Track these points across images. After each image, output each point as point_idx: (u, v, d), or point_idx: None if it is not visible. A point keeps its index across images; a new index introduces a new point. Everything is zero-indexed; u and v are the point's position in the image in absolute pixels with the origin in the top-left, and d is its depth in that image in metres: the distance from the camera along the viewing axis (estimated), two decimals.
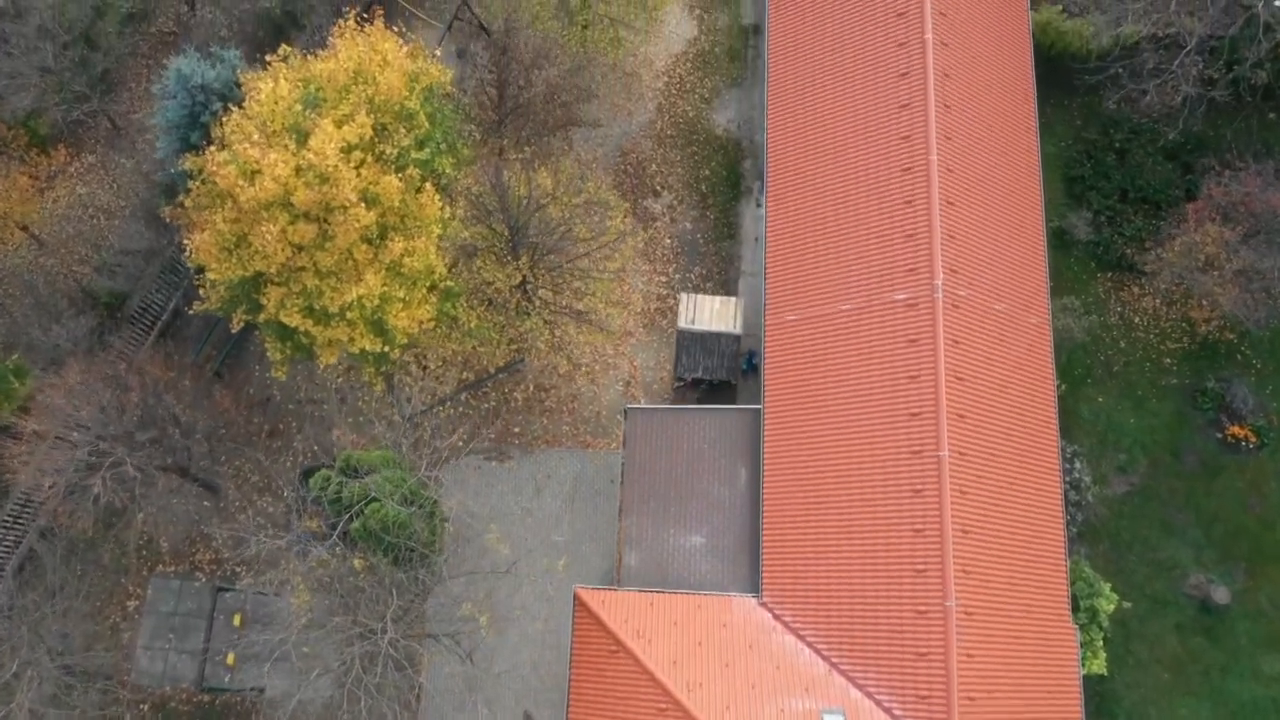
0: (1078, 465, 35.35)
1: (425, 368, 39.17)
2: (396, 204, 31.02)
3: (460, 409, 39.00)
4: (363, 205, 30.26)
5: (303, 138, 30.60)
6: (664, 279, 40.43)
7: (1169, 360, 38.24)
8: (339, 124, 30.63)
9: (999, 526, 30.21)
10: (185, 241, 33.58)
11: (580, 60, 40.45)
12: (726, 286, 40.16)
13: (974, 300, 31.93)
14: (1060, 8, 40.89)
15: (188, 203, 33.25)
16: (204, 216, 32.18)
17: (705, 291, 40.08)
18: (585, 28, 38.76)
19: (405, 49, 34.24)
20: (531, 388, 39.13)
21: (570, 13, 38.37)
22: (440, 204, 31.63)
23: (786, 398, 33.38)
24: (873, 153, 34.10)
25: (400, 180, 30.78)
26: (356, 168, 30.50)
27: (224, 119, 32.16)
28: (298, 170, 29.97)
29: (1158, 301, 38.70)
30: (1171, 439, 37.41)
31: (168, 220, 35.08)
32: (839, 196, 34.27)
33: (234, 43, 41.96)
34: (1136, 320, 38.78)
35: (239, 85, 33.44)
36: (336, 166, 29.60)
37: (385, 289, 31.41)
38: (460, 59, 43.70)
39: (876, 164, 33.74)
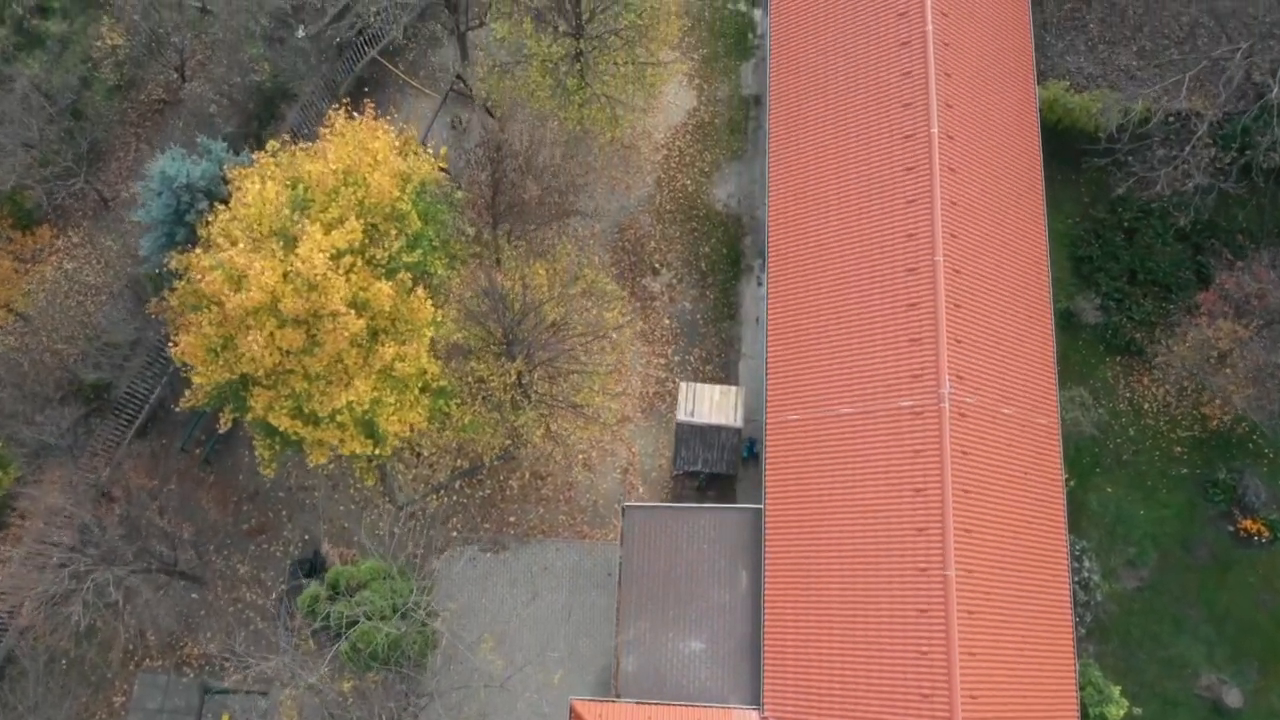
0: (1086, 564, 34.46)
1: (419, 455, 38.30)
2: (387, 309, 30.18)
3: (455, 497, 38.13)
4: (352, 312, 29.44)
5: (290, 242, 29.76)
6: (663, 361, 39.54)
7: (1179, 449, 37.36)
8: (328, 229, 29.79)
9: (1007, 646, 29.34)
10: (170, 339, 32.78)
11: (576, 138, 39.63)
12: (727, 370, 39.28)
13: (981, 407, 31.05)
14: (1067, 83, 40.08)
15: (173, 301, 32.43)
16: (188, 319, 31.35)
17: (705, 375, 39.20)
18: (582, 106, 37.85)
19: (397, 140, 33.46)
20: (527, 475, 38.25)
21: (566, 91, 37.47)
22: (432, 308, 30.77)
23: (788, 500, 32.50)
24: (876, 251, 33.19)
25: (391, 286, 29.94)
26: (346, 273, 29.67)
27: (210, 219, 31.34)
28: (285, 275, 29.15)
29: (1167, 388, 37.82)
30: (1182, 531, 36.54)
31: (153, 315, 34.22)
32: (842, 295, 33.36)
33: (224, 115, 41.21)
34: (1146, 407, 37.90)
35: (226, 181, 32.57)
36: (325, 274, 28.78)
37: (376, 394, 30.60)
38: (455, 129, 42.85)
39: (880, 263, 32.85)
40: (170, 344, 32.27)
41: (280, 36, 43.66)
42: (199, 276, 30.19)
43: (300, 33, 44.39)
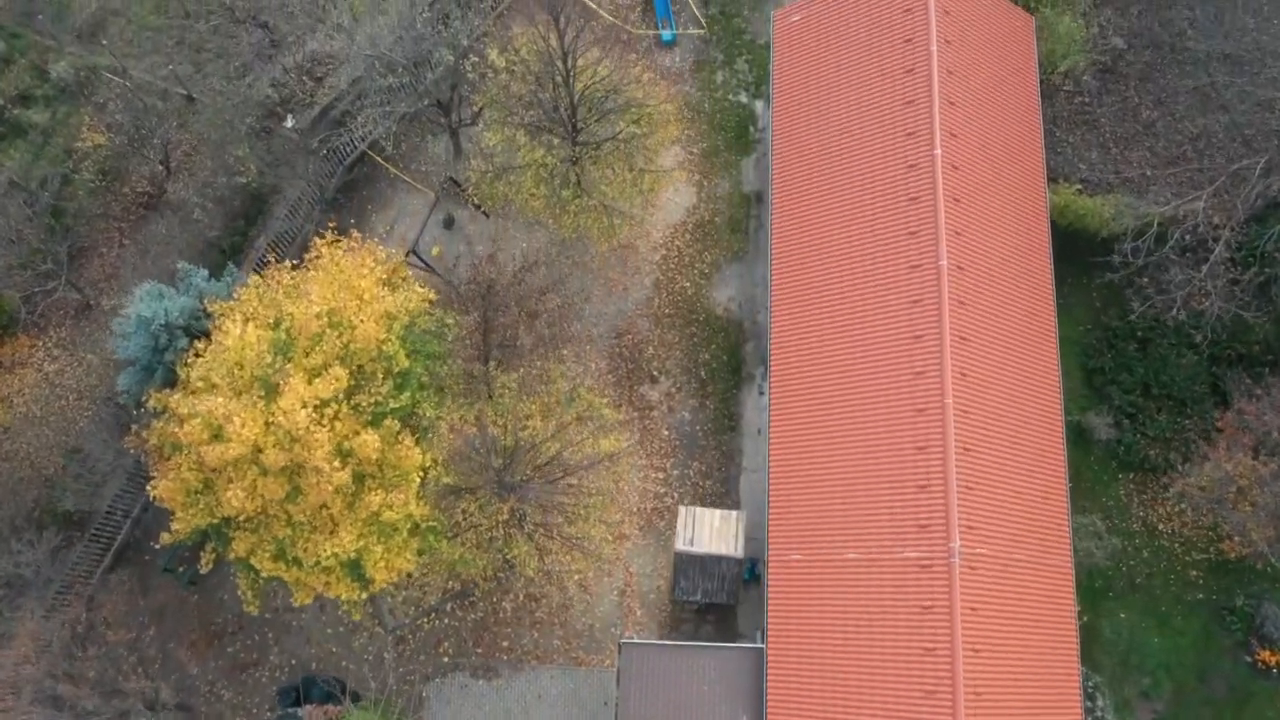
0: (1100, 701, 33.31)
1: (409, 576, 37.02)
2: (374, 458, 28.98)
3: (446, 620, 36.93)
4: (337, 463, 28.28)
5: (272, 390, 28.57)
6: (661, 475, 38.31)
7: (1195, 572, 36.14)
8: (311, 377, 28.60)
9: None
10: (149, 472, 31.67)
11: (571, 243, 38.48)
12: (727, 485, 38.04)
13: (992, 557, 29.83)
14: (1079, 186, 38.91)
15: (151, 439, 31.25)
16: (166, 462, 30.20)
17: (705, 491, 37.98)
18: (578, 214, 36.65)
19: (384, 270, 32.28)
20: (521, 597, 37.05)
21: (562, 200, 36.25)
22: (420, 453, 29.58)
23: (790, 642, 31.30)
24: (883, 384, 31.96)
25: (378, 435, 28.74)
26: (331, 422, 28.48)
27: (189, 360, 30.15)
28: (267, 425, 27.99)
29: (1183, 507, 36.57)
30: (1198, 661, 35.32)
31: (130, 449, 33.05)
32: (849, 432, 32.12)
33: (208, 219, 40.05)
34: (1160, 527, 36.68)
35: (207, 314, 31.35)
36: (308, 428, 27.60)
37: (362, 542, 29.43)
38: (448, 229, 41.64)
39: (888, 399, 31.63)
40: (149, 483, 31.09)
41: (268, 128, 42.59)
42: (178, 423, 29.05)
43: (289, 123, 43.33)
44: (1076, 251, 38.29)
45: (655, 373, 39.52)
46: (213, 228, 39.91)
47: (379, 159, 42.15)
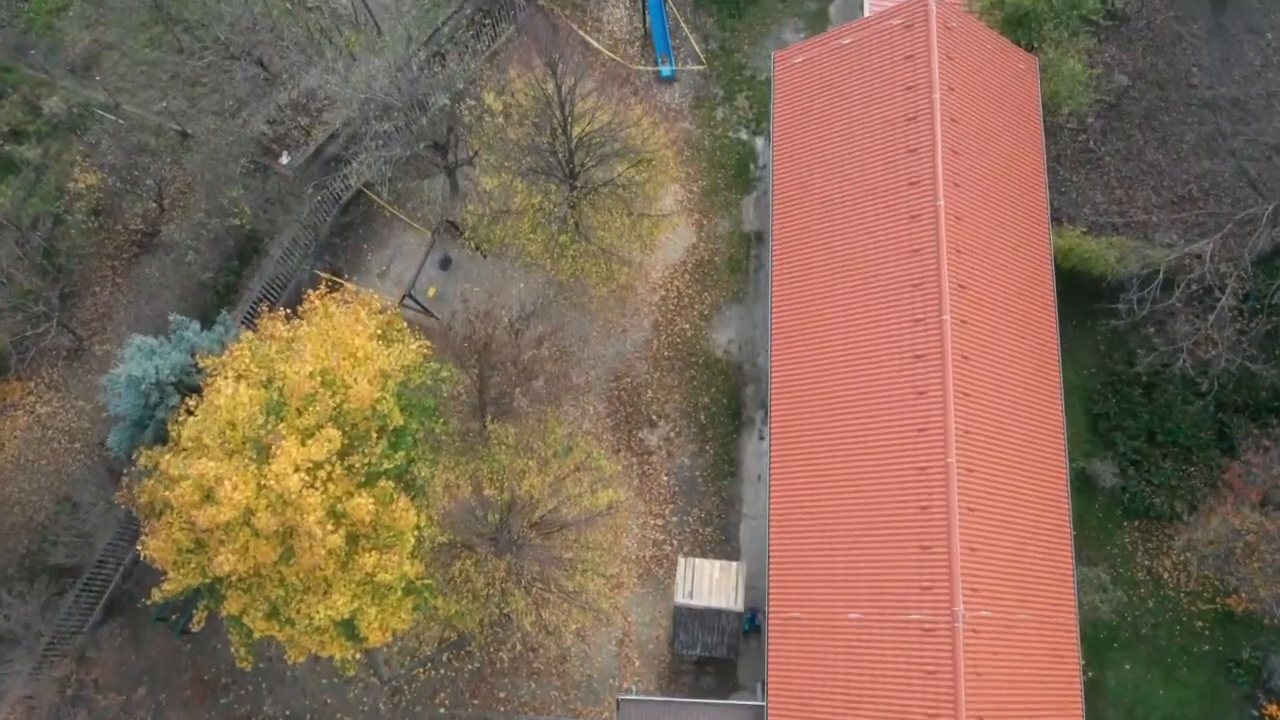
0: None
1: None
2: (367, 519, 28.50)
3: (442, 670, 36.45)
4: (329, 525, 27.82)
5: (264, 452, 28.11)
6: (660, 522, 37.83)
7: (1201, 623, 35.64)
8: (304, 438, 28.13)
9: None
10: (140, 529, 31.22)
11: (569, 287, 38.01)
12: (727, 532, 37.55)
13: (996, 619, 29.34)
14: (1083, 228, 38.47)
15: (142, 498, 30.79)
16: (157, 523, 29.74)
17: (704, 538, 37.50)
18: (576, 259, 36.18)
19: (378, 323, 31.81)
20: (519, 647, 36.33)
21: (560, 247, 35.78)
22: (415, 514, 29.09)
23: (791, 704, 30.79)
24: (884, 439, 31.44)
25: (371, 497, 28.26)
26: (325, 482, 28.01)
27: (180, 419, 29.68)
28: (259, 488, 27.55)
29: (1189, 558, 36.06)
30: (1204, 714, 34.80)
31: (121, 505, 32.59)
32: (849, 489, 31.65)
33: (201, 263, 39.55)
34: (1166, 576, 36.18)
35: (198, 368, 30.85)
36: (300, 492, 27.14)
37: (356, 604, 28.98)
38: (445, 270, 41.15)
39: (890, 454, 31.12)
40: (140, 540, 30.65)
41: (262, 165, 42.11)
42: (169, 484, 28.60)
43: (284, 160, 42.88)
44: (1081, 293, 37.85)
45: (654, 417, 39.05)
46: (206, 269, 39.42)
47: (375, 197, 41.64)
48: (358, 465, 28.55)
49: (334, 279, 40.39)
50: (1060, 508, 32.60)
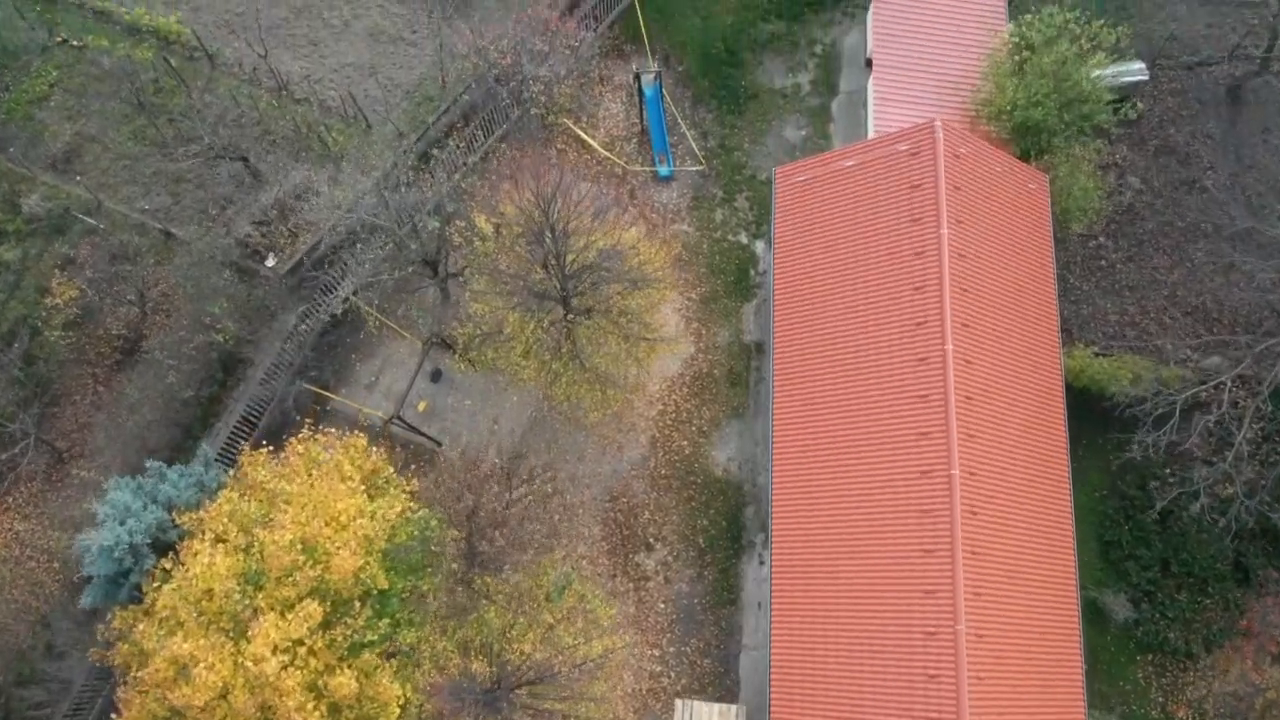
0: None
1: None
2: (350, 695, 27.27)
3: None
4: (310, 704, 26.58)
5: (241, 626, 26.88)
6: (656, 654, 36.58)
7: None
8: (283, 611, 26.89)
9: None
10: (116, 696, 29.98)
11: (562, 412, 36.77)
12: (726, 664, 36.31)
13: None
14: (1095, 349, 37.25)
15: (115, 660, 29.57)
16: (130, 692, 28.52)
17: (703, 670, 36.26)
18: (570, 385, 34.94)
19: (363, 468, 30.58)
20: None
21: (553, 374, 34.54)
22: (399, 688, 27.84)
23: None
24: (890, 566, 30.25)
25: (353, 673, 27.02)
26: (306, 657, 26.78)
27: (155, 585, 28.46)
28: (236, 666, 26.32)
29: (1203, 693, 34.88)
30: None
31: (95, 662, 31.36)
32: (852, 624, 30.43)
33: (182, 382, 38.30)
34: (1180, 715, 34.94)
35: (175, 522, 29.62)
36: (279, 674, 25.92)
37: None
38: (435, 382, 39.89)
39: (896, 581, 29.93)
40: (115, 699, 29.46)
41: (247, 268, 40.90)
42: (143, 657, 27.41)
43: (269, 262, 41.68)
44: (1092, 411, 36.63)
45: (651, 540, 37.80)
46: (187, 388, 38.16)
47: (363, 305, 40.38)
48: (340, 639, 27.32)
49: (321, 391, 39.17)
50: (1072, 648, 31.33)
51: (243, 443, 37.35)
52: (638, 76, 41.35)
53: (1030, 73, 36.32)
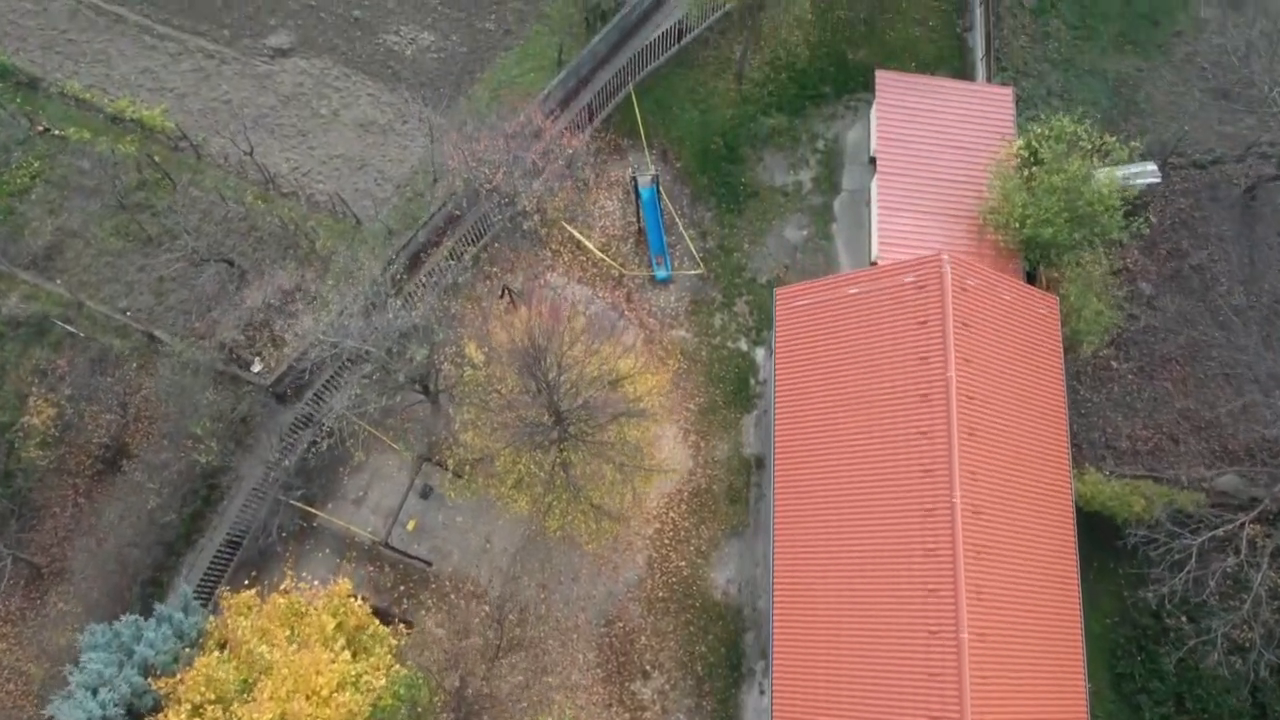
0: None
1: None
2: None
3: None
4: None
5: None
6: None
7: None
8: None
9: None
10: None
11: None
12: None
13: None
14: (1106, 472, 36.07)
15: None
16: None
17: None
18: (563, 515, 33.78)
19: (344, 619, 29.39)
20: None
21: (546, 506, 33.37)
22: None
23: None
24: (895, 697, 29.12)
25: None
26: None
27: None
28: None
29: None
30: None
31: None
32: None
33: (163, 507, 37.09)
34: None
35: (150, 685, 28.41)
36: None
37: None
38: (425, 499, 38.66)
39: (901, 715, 28.79)
40: None
41: (232, 374, 39.70)
42: None
43: (255, 368, 40.53)
44: (1103, 534, 35.48)
45: (648, 667, 36.59)
46: (169, 511, 36.95)
47: (352, 417, 39.16)
48: None
49: (307, 509, 37.94)
50: None
51: (225, 568, 36.22)
52: (634, 179, 40.16)
53: (1040, 189, 35.20)
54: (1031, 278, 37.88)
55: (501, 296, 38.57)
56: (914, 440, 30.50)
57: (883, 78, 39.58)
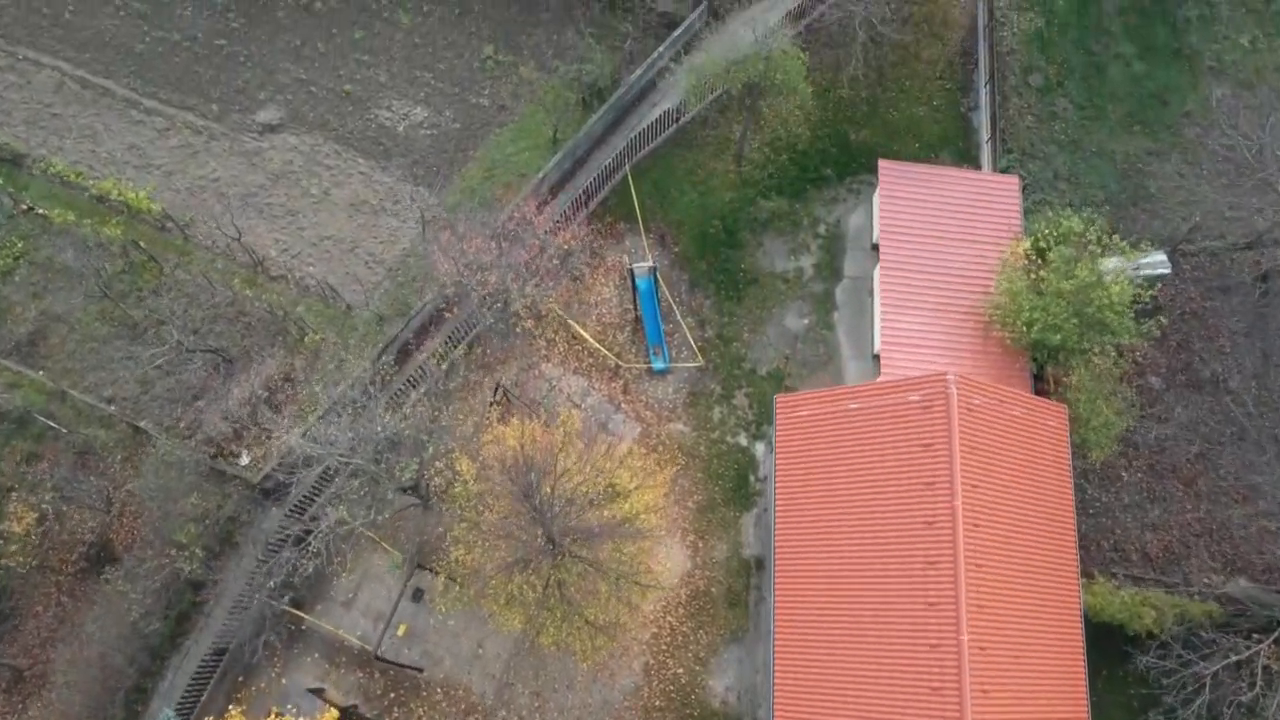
0: None
1: None
2: None
3: None
4: None
5: None
6: None
7: None
8: None
9: None
10: None
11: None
12: None
13: None
14: (1115, 581, 35.14)
15: None
16: None
17: None
18: (557, 633, 32.80)
19: None
20: None
21: (539, 624, 32.40)
22: None
23: None
24: None
25: None
26: None
27: None
28: None
29: None
30: None
31: None
32: None
33: (146, 619, 36.10)
34: None
35: None
36: None
37: None
38: (416, 602, 37.67)
39: None
40: None
41: (218, 469, 38.75)
42: None
43: (243, 460, 39.63)
44: (1112, 641, 34.52)
45: None
46: (152, 620, 35.99)
47: (342, 513, 38.19)
48: None
49: (294, 612, 36.94)
50: None
51: (211, 674, 35.33)
52: (631, 272, 39.21)
53: (1048, 292, 34.26)
54: (1039, 373, 36.98)
55: (494, 398, 37.59)
56: (919, 569, 29.56)
57: (885, 167, 38.64)
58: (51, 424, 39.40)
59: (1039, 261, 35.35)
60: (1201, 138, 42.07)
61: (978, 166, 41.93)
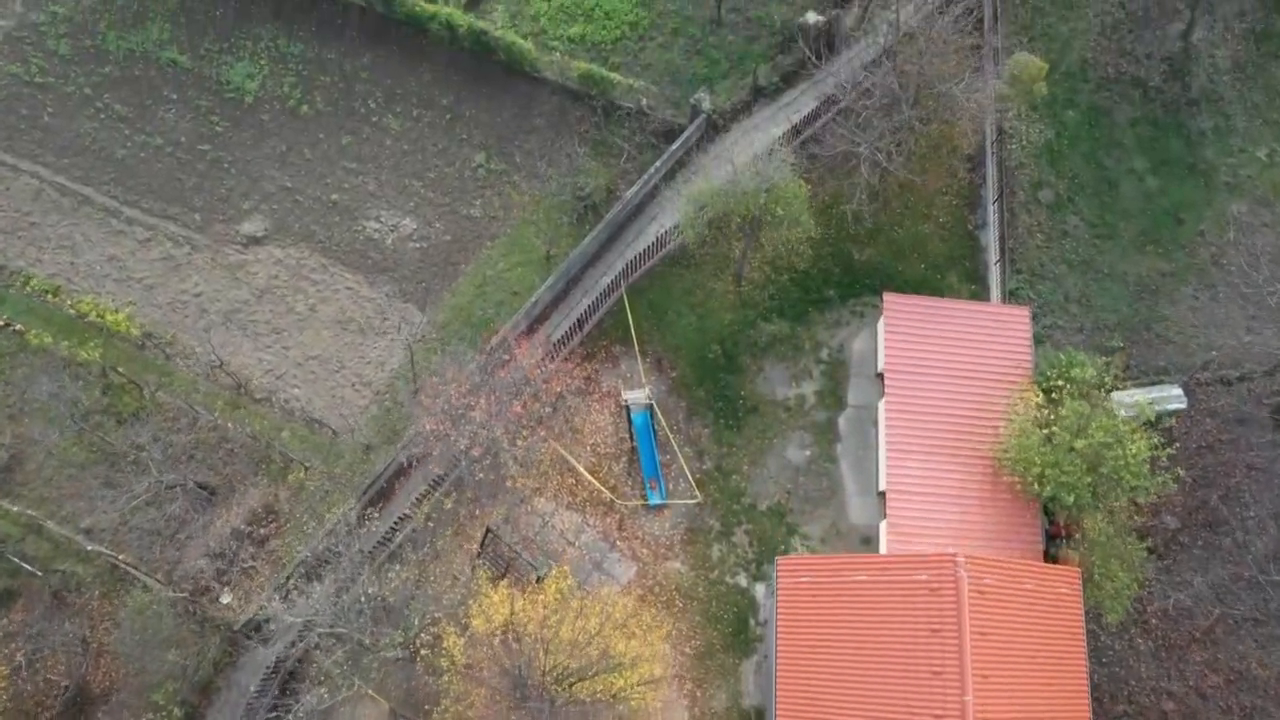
0: None
1: None
2: None
3: None
4: None
5: None
6: None
7: None
8: None
9: None
10: None
11: None
12: None
13: None
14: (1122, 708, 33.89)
15: None
16: None
17: None
18: None
19: None
20: None
21: None
22: None
23: None
24: None
25: None
26: None
27: None
28: None
29: None
30: None
31: None
32: None
33: None
34: None
35: None
36: None
37: None
38: None
39: None
40: None
41: (199, 612, 37.43)
42: None
43: (225, 599, 38.34)
44: None
45: None
46: None
47: (328, 660, 36.85)
48: None
49: None
50: None
51: None
52: (627, 407, 37.83)
53: (1061, 447, 32.88)
54: (1049, 515, 35.64)
55: (481, 549, 36.24)
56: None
57: (891, 301, 37.27)
58: (27, 566, 38.02)
59: (1049, 405, 33.95)
60: (1217, 257, 40.70)
61: (986, 287, 40.52)
